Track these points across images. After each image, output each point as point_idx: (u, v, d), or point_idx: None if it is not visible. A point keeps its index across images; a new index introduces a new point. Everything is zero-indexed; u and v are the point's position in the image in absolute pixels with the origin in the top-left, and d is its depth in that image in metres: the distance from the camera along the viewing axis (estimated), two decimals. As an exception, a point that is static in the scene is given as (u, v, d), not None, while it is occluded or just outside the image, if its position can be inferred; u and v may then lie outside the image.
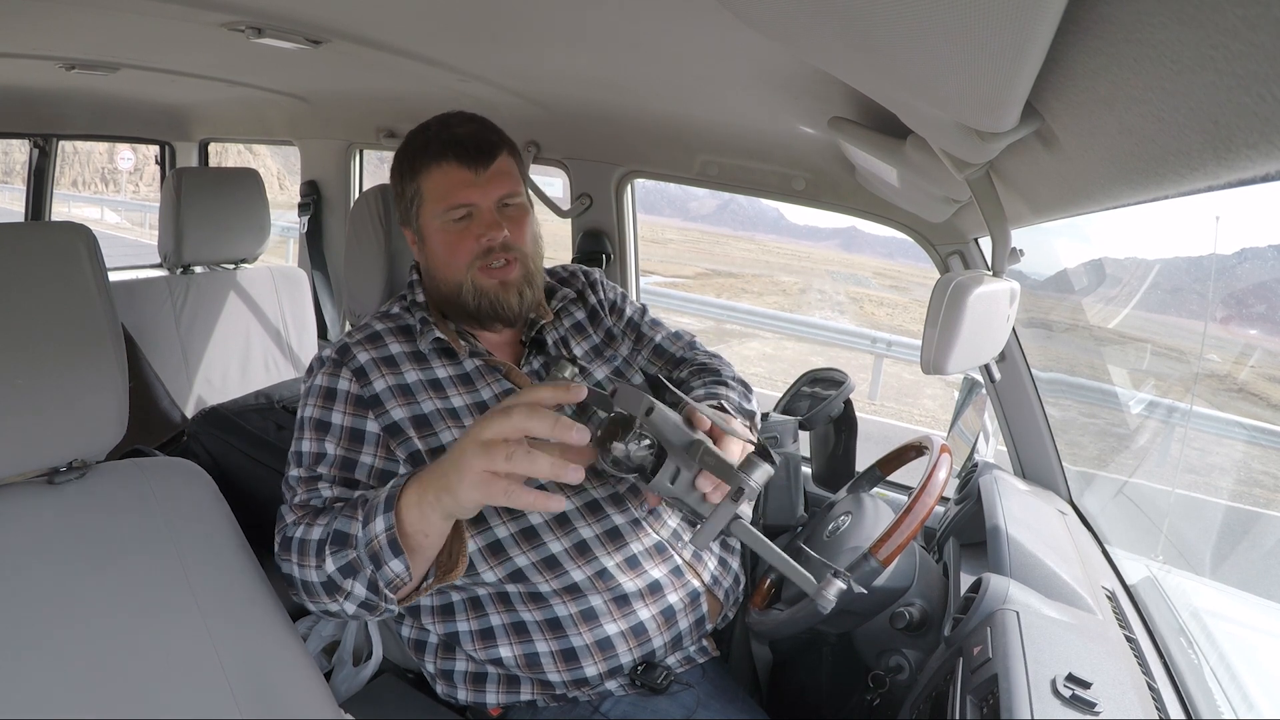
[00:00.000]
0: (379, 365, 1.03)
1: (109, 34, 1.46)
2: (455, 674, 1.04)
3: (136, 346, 1.82)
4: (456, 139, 1.04)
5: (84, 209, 15.16)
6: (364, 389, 1.02)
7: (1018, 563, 0.98)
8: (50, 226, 0.84)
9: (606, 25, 0.95)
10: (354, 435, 1.01)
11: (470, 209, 1.04)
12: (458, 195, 1.03)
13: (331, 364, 1.03)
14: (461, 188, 1.03)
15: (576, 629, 0.99)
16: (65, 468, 0.86)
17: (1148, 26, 0.35)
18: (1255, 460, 2.74)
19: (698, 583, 1.06)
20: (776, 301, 14.57)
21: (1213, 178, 0.42)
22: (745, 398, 1.17)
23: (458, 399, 1.05)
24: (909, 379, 7.84)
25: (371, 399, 1.01)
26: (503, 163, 1.06)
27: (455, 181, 1.03)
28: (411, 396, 1.03)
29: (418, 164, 1.06)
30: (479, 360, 1.08)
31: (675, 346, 1.27)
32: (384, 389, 1.02)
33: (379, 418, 1.01)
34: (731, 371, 1.23)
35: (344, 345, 1.05)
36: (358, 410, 1.01)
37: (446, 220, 1.04)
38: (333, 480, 0.99)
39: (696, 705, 1.00)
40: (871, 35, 0.46)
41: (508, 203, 1.06)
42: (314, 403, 1.02)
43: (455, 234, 1.04)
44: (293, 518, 0.98)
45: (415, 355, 1.06)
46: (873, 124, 0.95)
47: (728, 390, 1.15)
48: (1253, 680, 1.01)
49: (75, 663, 0.80)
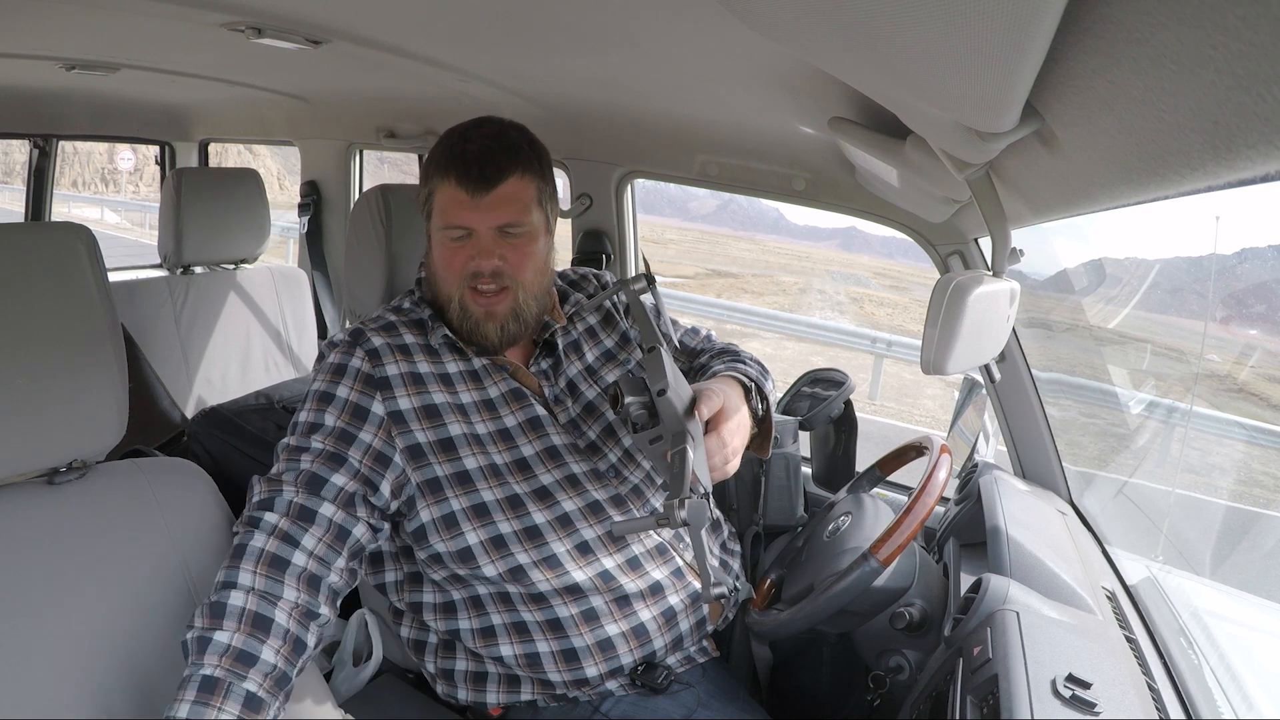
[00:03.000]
0: (393, 350, 1.02)
1: (109, 34, 1.46)
2: (455, 673, 1.05)
3: (136, 346, 1.82)
4: (465, 157, 1.00)
5: (84, 209, 15.16)
6: (375, 369, 1.00)
7: (1018, 563, 0.98)
8: (50, 227, 0.84)
9: (606, 25, 0.95)
10: (357, 411, 0.98)
11: (468, 231, 1.01)
12: (453, 215, 1.00)
13: (345, 345, 1.02)
14: (459, 209, 1.00)
15: (577, 629, 0.99)
16: (65, 468, 0.86)
17: (1148, 26, 0.35)
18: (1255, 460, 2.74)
19: (698, 584, 1.06)
20: (777, 301, 14.56)
21: (1213, 178, 0.42)
22: (764, 375, 1.19)
23: (466, 395, 1.04)
24: (909, 379, 7.84)
25: (381, 380, 1.00)
26: (510, 187, 1.00)
27: (453, 201, 1.00)
28: (422, 385, 1.02)
29: (432, 172, 1.03)
30: (486, 359, 1.08)
31: (694, 340, 1.30)
32: (395, 374, 1.01)
33: (386, 401, 0.99)
34: (750, 355, 1.25)
35: (358, 329, 1.04)
36: (366, 388, 0.99)
37: (445, 235, 1.02)
38: (319, 453, 0.94)
39: (697, 705, 1.00)
40: (871, 35, 0.46)
41: (509, 230, 1.01)
42: (323, 378, 1.01)
43: (451, 250, 1.02)
44: (259, 491, 0.93)
45: (427, 348, 1.06)
46: (873, 124, 0.95)
47: (746, 366, 1.16)
48: (1253, 680, 1.01)
49: (75, 662, 0.80)
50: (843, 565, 1.00)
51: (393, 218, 1.34)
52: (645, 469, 1.11)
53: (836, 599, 0.97)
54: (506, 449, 1.03)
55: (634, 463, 1.10)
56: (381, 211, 1.34)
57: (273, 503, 0.91)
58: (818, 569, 1.08)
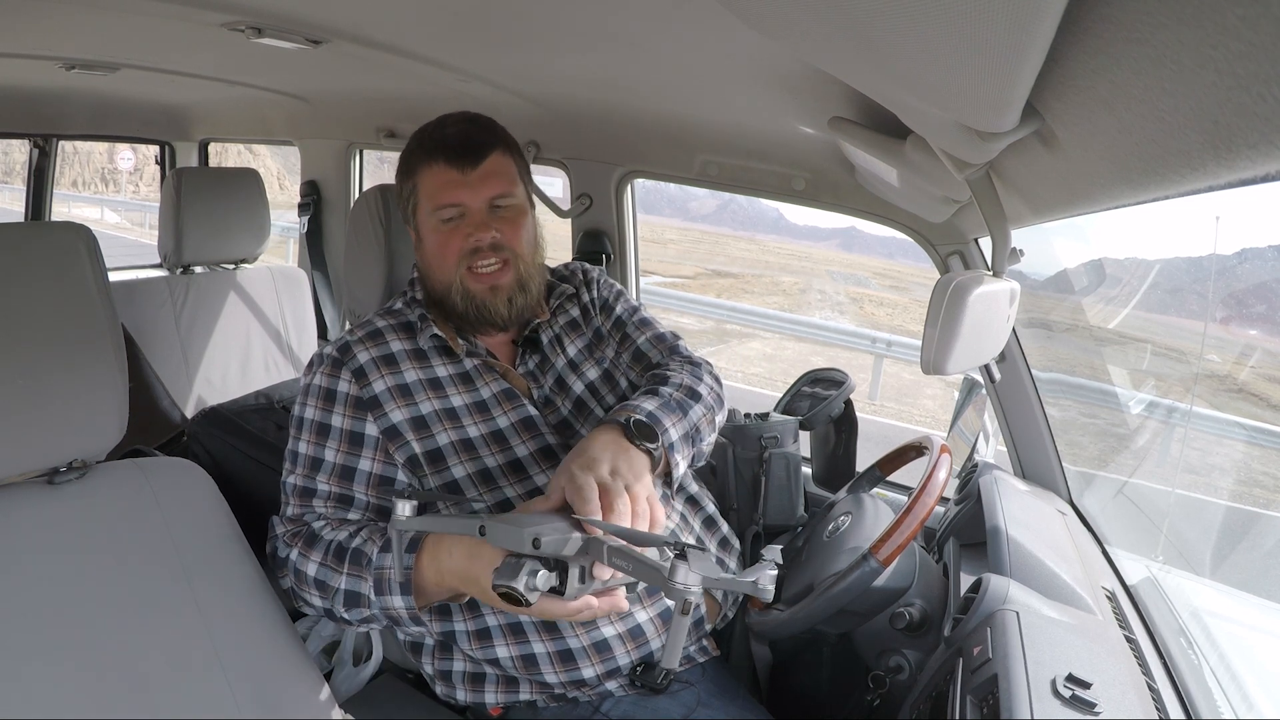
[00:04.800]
0: (379, 365, 1.03)
1: (109, 34, 1.46)
2: (453, 674, 1.05)
3: (136, 346, 1.82)
4: (447, 139, 1.04)
5: (84, 209, 15.16)
6: (363, 390, 1.02)
7: (1018, 563, 0.98)
8: (50, 226, 0.84)
9: (606, 25, 0.95)
10: (353, 439, 1.01)
11: (460, 209, 1.04)
12: (446, 195, 1.03)
13: (331, 363, 1.03)
14: (450, 187, 1.03)
15: (573, 631, 0.99)
16: (65, 468, 0.86)
17: (1148, 26, 0.35)
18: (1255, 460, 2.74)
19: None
20: (777, 301, 14.57)
21: (1213, 178, 0.42)
22: (689, 400, 1.05)
23: (456, 398, 1.05)
24: (909, 379, 7.84)
25: (370, 400, 1.01)
26: (494, 163, 1.04)
27: (444, 181, 1.03)
28: (410, 397, 1.03)
29: (413, 163, 1.06)
30: (477, 359, 1.08)
31: (656, 350, 1.18)
32: (383, 390, 1.02)
33: (378, 420, 1.01)
34: (691, 376, 1.10)
35: (345, 343, 1.05)
36: (357, 412, 1.01)
37: (437, 220, 1.04)
38: (328, 495, 1.00)
39: (697, 704, 1.00)
40: (871, 35, 0.46)
41: (499, 203, 1.05)
42: (313, 403, 1.02)
43: (445, 233, 1.04)
44: (283, 530, 0.99)
45: (416, 353, 1.06)
46: (873, 124, 0.95)
47: (663, 386, 1.05)
48: (1253, 680, 1.01)
49: (75, 662, 0.80)
50: (843, 565, 1.00)
51: (392, 218, 1.34)
52: None
53: (836, 599, 0.97)
54: (500, 450, 1.03)
55: None
56: (381, 211, 1.34)
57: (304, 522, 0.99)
58: (818, 569, 1.08)
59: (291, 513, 1.00)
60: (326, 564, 0.94)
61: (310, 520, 0.99)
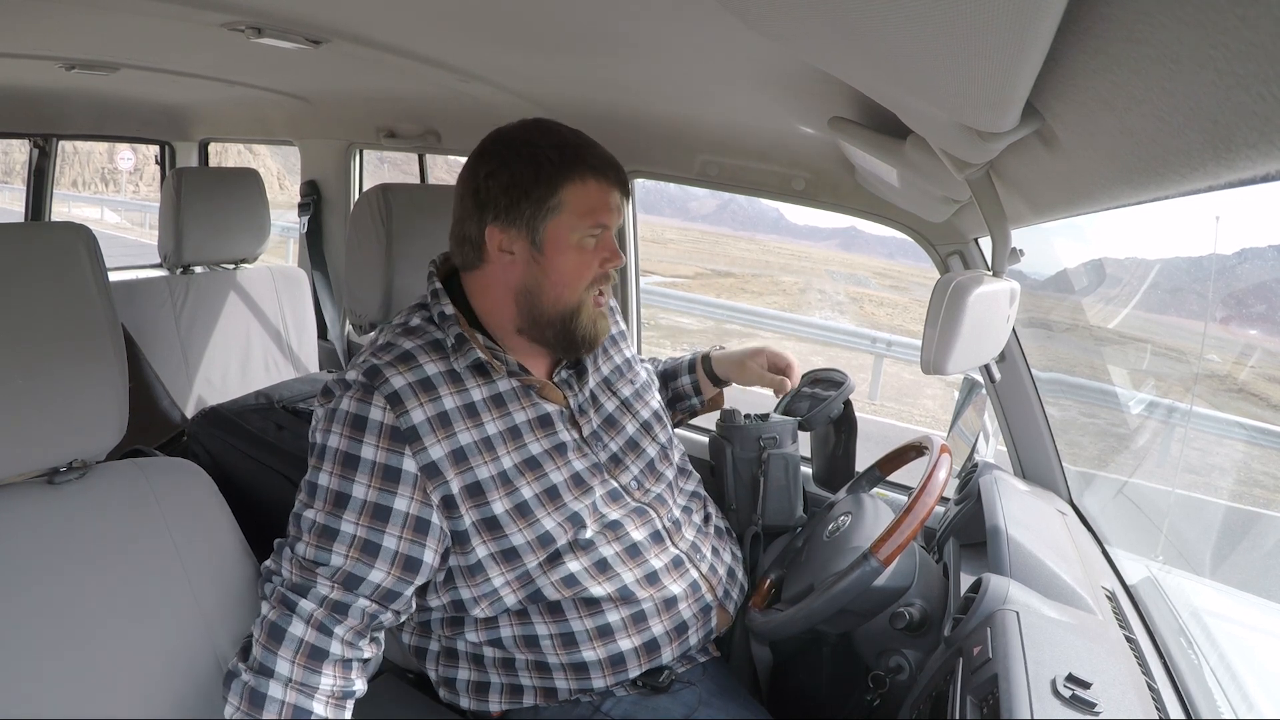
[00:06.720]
0: (415, 390, 0.93)
1: (109, 34, 1.46)
2: (458, 682, 1.05)
3: (136, 346, 1.82)
4: (606, 160, 1.00)
5: (84, 209, 15.16)
6: (400, 418, 0.91)
7: (1018, 563, 0.98)
8: (50, 226, 0.84)
9: (607, 26, 0.95)
10: (388, 474, 0.91)
11: (604, 231, 1.00)
12: (602, 214, 0.98)
13: (360, 388, 0.92)
14: (605, 208, 0.99)
15: (590, 643, 0.99)
16: (65, 468, 0.86)
17: (1148, 26, 0.35)
18: (1255, 460, 2.74)
19: (711, 597, 1.07)
20: (776, 301, 14.57)
21: (1213, 178, 0.42)
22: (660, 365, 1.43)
23: (491, 425, 0.97)
24: (909, 379, 7.84)
25: (409, 431, 0.91)
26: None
27: (600, 201, 0.98)
28: (449, 427, 0.94)
29: (565, 172, 0.97)
30: (515, 380, 1.01)
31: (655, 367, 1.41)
32: (422, 420, 0.92)
33: (417, 455, 0.91)
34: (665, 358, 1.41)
35: (373, 367, 0.94)
36: (393, 444, 0.91)
37: (584, 236, 0.98)
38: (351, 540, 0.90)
39: (698, 704, 1.00)
40: (871, 35, 0.46)
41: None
42: (339, 430, 0.91)
43: (587, 253, 0.99)
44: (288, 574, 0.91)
45: (451, 375, 0.97)
46: (873, 124, 0.95)
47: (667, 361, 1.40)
48: (1253, 680, 1.01)
49: (75, 662, 0.80)
50: (843, 565, 1.00)
51: (393, 218, 1.34)
52: (668, 479, 1.13)
53: (836, 599, 0.97)
54: (535, 479, 0.99)
55: (655, 474, 1.11)
56: (382, 211, 1.34)
57: (307, 591, 0.89)
58: (818, 569, 1.08)
59: (304, 554, 0.90)
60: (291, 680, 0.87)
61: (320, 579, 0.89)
